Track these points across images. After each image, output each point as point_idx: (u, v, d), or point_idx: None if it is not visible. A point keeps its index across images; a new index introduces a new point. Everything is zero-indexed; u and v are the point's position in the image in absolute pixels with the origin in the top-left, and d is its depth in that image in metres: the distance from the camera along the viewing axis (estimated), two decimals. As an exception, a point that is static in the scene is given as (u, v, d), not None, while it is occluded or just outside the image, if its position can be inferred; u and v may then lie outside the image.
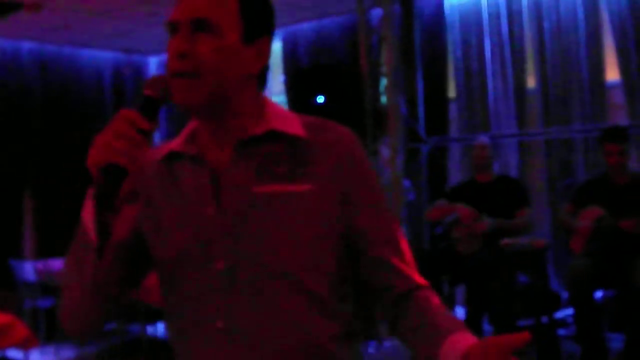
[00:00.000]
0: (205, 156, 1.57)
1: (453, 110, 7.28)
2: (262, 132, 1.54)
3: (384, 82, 6.53)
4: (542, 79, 6.67)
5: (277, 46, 8.19)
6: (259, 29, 1.54)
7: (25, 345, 4.37)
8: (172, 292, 1.61)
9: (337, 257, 1.58)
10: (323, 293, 1.55)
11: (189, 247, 1.54)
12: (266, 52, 1.57)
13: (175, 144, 1.61)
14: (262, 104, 1.60)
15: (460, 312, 6.31)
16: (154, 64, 9.62)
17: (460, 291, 6.32)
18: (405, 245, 1.63)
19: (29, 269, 7.28)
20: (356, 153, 1.59)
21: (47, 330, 7.14)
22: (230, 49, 1.49)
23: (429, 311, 1.54)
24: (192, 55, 1.46)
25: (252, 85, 1.57)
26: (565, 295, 5.88)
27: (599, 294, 5.38)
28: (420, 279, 1.61)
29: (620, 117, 6.29)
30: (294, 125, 1.57)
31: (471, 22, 7.07)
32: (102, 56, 8.93)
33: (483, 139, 6.15)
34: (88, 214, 1.52)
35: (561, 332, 5.74)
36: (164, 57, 9.77)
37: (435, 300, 1.57)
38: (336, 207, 1.55)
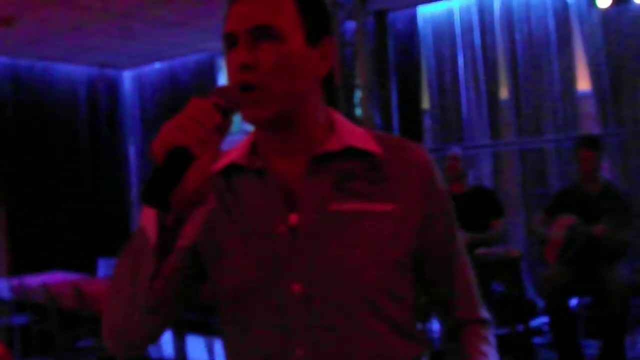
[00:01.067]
0: (272, 170, 1.45)
1: (427, 122, 7.34)
2: (340, 148, 1.44)
3: (358, 94, 6.55)
4: (515, 89, 6.74)
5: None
6: (321, 29, 1.43)
7: (0, 363, 4.33)
8: (237, 319, 1.47)
9: (413, 280, 1.50)
10: (403, 318, 1.47)
11: (259, 269, 1.41)
12: (331, 53, 1.44)
13: (235, 155, 1.49)
14: (331, 115, 1.49)
15: (436, 324, 6.33)
16: (128, 78, 9.60)
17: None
18: (469, 276, 1.59)
19: (3, 286, 7.21)
20: (435, 174, 1.49)
21: (22, 348, 7.09)
22: (297, 54, 1.38)
23: (466, 356, 1.55)
24: (257, 65, 1.35)
25: (319, 92, 1.46)
26: (540, 303, 5.93)
27: (573, 301, 5.43)
28: (477, 312, 1.59)
29: (591, 127, 6.37)
30: (369, 142, 1.46)
31: (444, 34, 7.14)
32: (76, 70, 8.89)
33: (455, 149, 6.18)
34: (149, 216, 1.31)
35: (537, 340, 5.78)
36: (138, 71, 9.69)
37: (478, 344, 1.56)
38: (416, 230, 1.45)
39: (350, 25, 6.68)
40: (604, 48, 6.24)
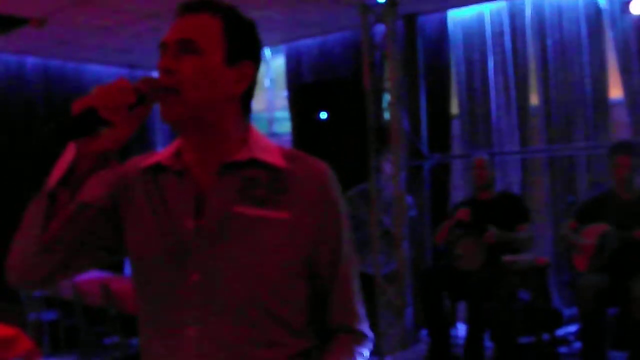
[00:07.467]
0: (189, 173, 1.65)
1: (456, 127, 7.29)
2: (245, 158, 1.63)
3: (386, 98, 6.54)
4: (545, 96, 6.68)
5: (280, 62, 8.23)
6: (241, 53, 1.64)
7: (28, 358, 4.37)
8: (145, 298, 1.69)
9: (304, 284, 1.66)
10: (290, 318, 1.64)
11: (165, 255, 1.62)
12: (248, 77, 1.65)
13: (162, 156, 1.70)
14: (247, 131, 1.69)
15: (461, 328, 6.29)
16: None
17: (462, 308, 6.31)
18: (353, 288, 1.73)
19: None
20: (332, 188, 1.67)
21: (50, 343, 7.16)
22: (212, 68, 1.59)
23: None
24: (176, 71, 1.56)
25: (234, 108, 1.65)
26: (567, 312, 5.86)
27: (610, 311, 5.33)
28: (353, 323, 1.72)
29: (623, 135, 6.29)
30: (275, 156, 1.66)
31: (474, 39, 7.10)
32: (106, 71, 8.95)
33: (482, 156, 6.12)
34: (62, 162, 1.60)
35: (562, 349, 5.72)
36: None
37: (339, 355, 1.68)
38: (308, 238, 1.63)
39: (380, 28, 6.67)
40: (636, 55, 6.15)
